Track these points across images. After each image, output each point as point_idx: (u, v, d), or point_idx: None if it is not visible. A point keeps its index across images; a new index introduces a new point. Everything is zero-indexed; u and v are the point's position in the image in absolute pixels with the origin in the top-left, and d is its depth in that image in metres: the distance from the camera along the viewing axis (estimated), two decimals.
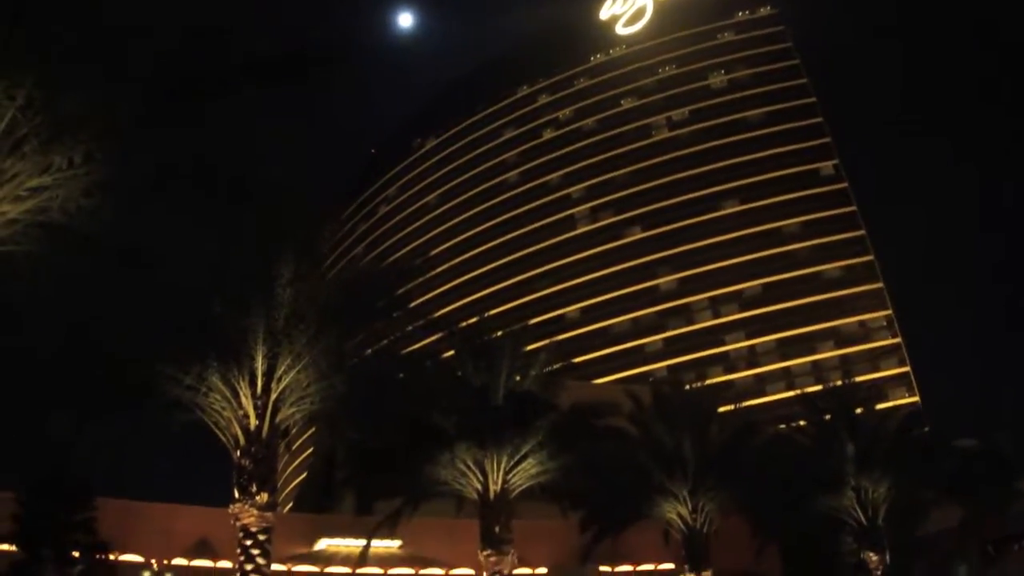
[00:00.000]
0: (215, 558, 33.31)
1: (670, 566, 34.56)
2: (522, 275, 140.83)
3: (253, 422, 20.22)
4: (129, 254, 16.84)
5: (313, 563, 36.53)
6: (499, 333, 29.27)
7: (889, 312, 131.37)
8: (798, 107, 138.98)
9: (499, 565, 25.52)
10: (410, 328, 26.15)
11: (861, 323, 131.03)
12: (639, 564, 34.36)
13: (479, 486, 25.38)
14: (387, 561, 37.14)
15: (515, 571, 26.50)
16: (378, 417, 23.40)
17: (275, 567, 21.20)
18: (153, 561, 33.56)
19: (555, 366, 30.01)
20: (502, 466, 25.20)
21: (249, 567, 19.74)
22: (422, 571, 37.33)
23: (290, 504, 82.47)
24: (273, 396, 20.36)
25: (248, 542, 19.90)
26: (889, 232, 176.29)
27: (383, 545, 35.83)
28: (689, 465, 28.95)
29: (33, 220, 14.15)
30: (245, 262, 19.67)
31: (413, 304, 27.72)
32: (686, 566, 29.61)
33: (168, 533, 34.12)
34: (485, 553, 25.69)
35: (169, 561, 33.82)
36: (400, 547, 37.28)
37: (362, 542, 33.98)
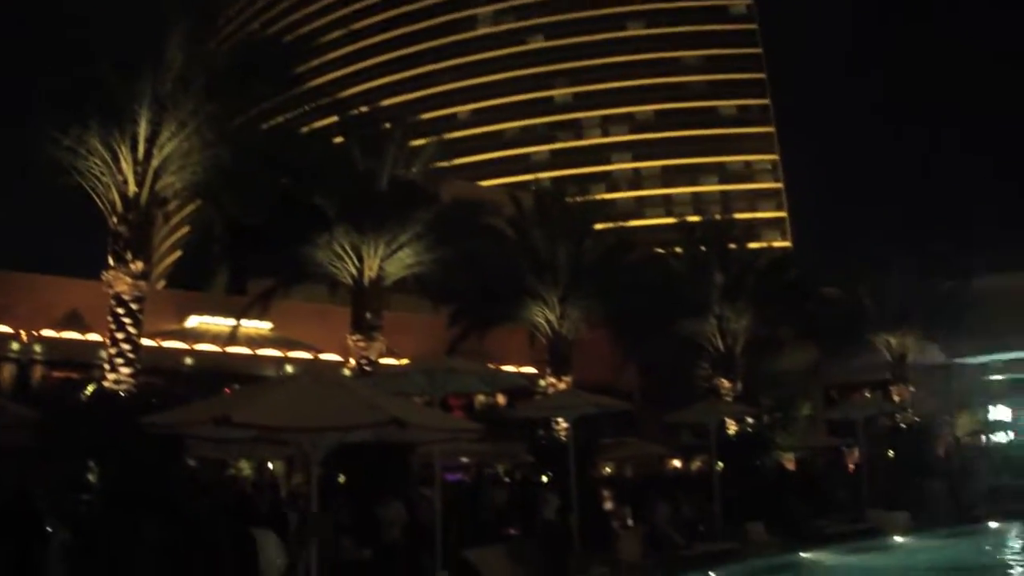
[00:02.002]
0: (84, 331, 33.01)
1: (532, 370, 35.57)
2: (418, 69, 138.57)
3: (132, 188, 19.89)
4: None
5: (183, 340, 36.47)
6: (388, 125, 29.04)
7: (775, 157, 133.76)
8: None
9: (367, 351, 25.90)
10: (306, 109, 25.82)
11: (747, 163, 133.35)
12: (502, 364, 35.28)
13: (354, 271, 25.46)
14: (256, 342, 37.30)
15: (382, 360, 27.00)
16: (260, 193, 23.20)
17: (144, 342, 21.19)
18: (22, 332, 33.12)
19: (442, 163, 30.03)
20: (379, 253, 25.29)
21: (120, 336, 19.69)
22: (290, 353, 37.63)
23: (163, 282, 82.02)
24: (155, 163, 20.01)
25: (120, 311, 19.82)
26: (789, 79, 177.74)
27: (253, 326, 35.94)
28: (562, 273, 29.41)
29: None
30: (136, 19, 19.13)
31: (307, 86, 27.16)
32: (548, 371, 30.53)
33: (37, 304, 33.57)
34: (354, 338, 26.00)
35: (38, 332, 33.41)
36: (271, 329, 37.49)
37: (233, 322, 34.11)
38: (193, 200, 25.09)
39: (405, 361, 33.79)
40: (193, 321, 37.89)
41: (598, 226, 33.40)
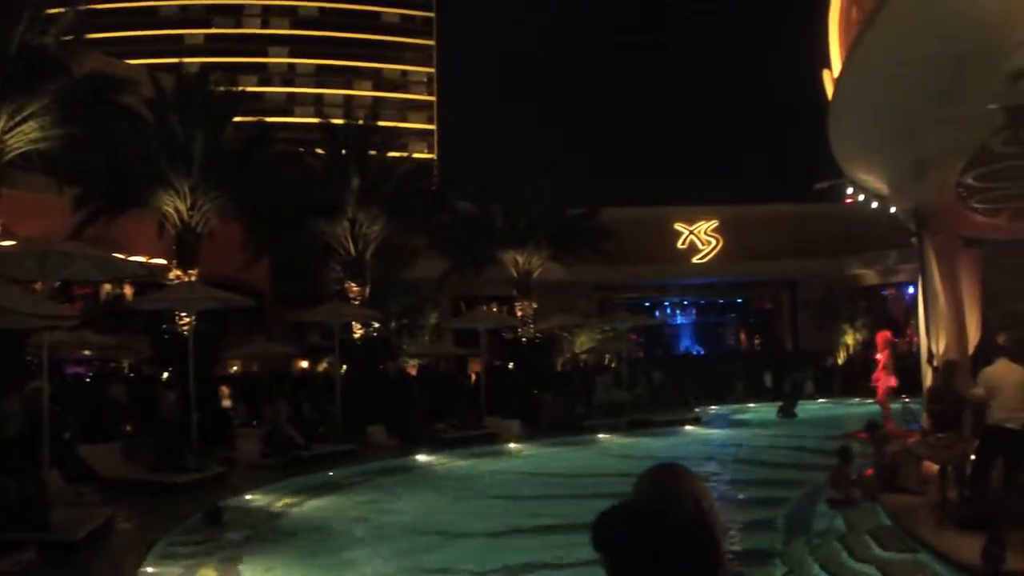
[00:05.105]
0: None
1: (162, 261, 34.32)
2: None
3: None
4: None
5: None
6: None
7: (433, 70, 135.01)
8: None
9: None
10: None
11: (404, 73, 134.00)
12: (131, 254, 33.84)
13: None
14: None
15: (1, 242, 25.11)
16: None
17: None
18: None
19: (85, 34, 28.06)
20: (1, 125, 23.41)
21: None
22: None
23: None
24: None
25: None
26: None
27: None
28: (197, 162, 28.23)
29: None
30: None
31: None
32: (175, 262, 29.52)
33: None
34: None
35: None
36: None
37: None
38: None
39: None
40: None
41: (242, 118, 32.41)
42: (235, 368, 38.28)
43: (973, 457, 12.43)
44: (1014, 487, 11.14)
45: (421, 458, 25.59)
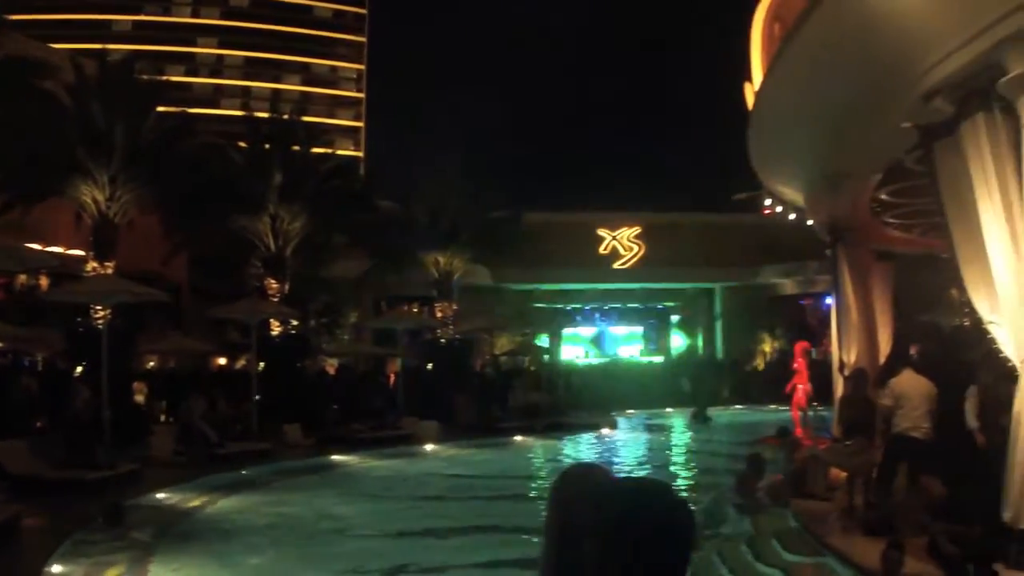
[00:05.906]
0: None
1: (81, 252, 33.74)
2: None
3: None
4: None
5: None
6: None
7: (363, 67, 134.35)
8: None
9: None
10: None
11: (333, 68, 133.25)
12: (49, 245, 33.18)
13: None
14: None
15: None
16: None
17: None
18: None
19: (5, 16, 27.48)
20: None
21: None
22: None
23: None
24: None
25: None
26: None
27: None
28: (118, 152, 27.69)
29: None
30: None
31: None
32: (92, 253, 28.97)
33: None
34: None
35: None
36: None
37: None
38: None
39: None
40: None
41: (167, 108, 31.90)
42: (152, 364, 37.71)
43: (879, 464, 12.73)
44: (915, 494, 11.40)
45: (336, 458, 25.48)
